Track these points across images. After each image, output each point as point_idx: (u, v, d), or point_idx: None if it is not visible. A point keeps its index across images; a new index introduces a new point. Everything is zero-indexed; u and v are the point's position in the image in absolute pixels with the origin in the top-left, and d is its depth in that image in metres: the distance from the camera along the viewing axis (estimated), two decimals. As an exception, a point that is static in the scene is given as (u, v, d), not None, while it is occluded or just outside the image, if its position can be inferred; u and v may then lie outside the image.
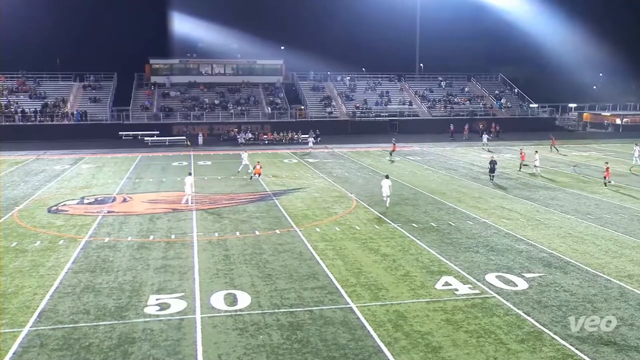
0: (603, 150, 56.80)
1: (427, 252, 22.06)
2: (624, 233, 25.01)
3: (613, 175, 40.62)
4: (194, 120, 70.78)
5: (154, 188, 36.42)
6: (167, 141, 63.18)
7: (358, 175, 41.18)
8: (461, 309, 16.51)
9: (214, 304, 16.83)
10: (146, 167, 45.96)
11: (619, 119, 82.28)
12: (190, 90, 78.20)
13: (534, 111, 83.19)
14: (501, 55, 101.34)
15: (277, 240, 23.74)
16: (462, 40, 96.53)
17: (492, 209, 29.87)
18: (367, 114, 76.13)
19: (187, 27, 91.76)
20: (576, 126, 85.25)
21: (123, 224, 26.56)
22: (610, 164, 38.60)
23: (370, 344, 14.25)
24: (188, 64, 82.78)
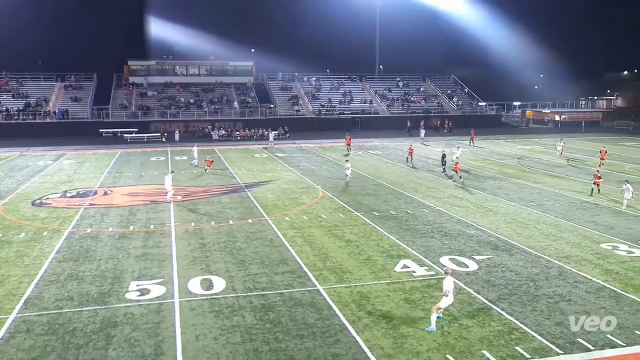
0: (544, 144, 58.00)
1: (387, 238, 22.26)
2: (562, 218, 25.62)
3: (552, 166, 41.66)
4: (170, 118, 69.72)
5: (134, 182, 35.84)
6: (145, 138, 62.22)
7: (324, 168, 41.24)
8: (418, 289, 16.74)
9: (191, 288, 16.72)
10: (126, 162, 45.18)
11: (557, 116, 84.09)
12: (167, 89, 77.01)
13: (482, 109, 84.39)
14: (453, 58, 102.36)
15: (250, 229, 23.66)
16: (418, 44, 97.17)
17: (445, 197, 30.26)
18: (332, 111, 76.17)
19: (163, 31, 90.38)
20: (520, 122, 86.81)
21: (104, 216, 26.11)
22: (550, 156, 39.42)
23: (336, 323, 14.36)
24: (164, 65, 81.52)
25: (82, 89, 74.22)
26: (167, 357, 12.63)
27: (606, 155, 42.66)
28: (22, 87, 72.48)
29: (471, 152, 51.27)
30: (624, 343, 13.26)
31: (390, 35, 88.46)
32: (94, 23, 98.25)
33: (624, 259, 19.55)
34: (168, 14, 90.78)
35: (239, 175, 37.85)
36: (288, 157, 48.19)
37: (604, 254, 20.20)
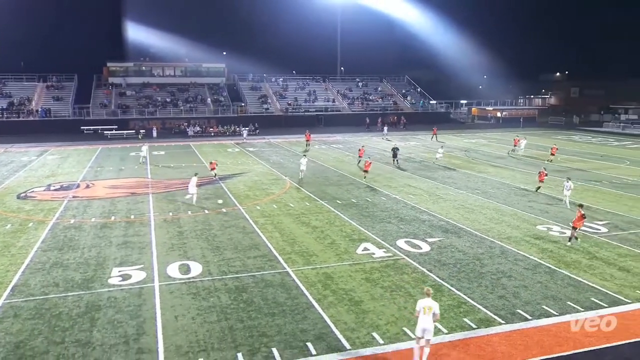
0: (488, 138, 59.16)
1: (349, 224, 22.38)
2: (503, 204, 26.22)
3: (494, 157, 42.51)
4: (148, 116, 68.30)
5: (114, 175, 35.03)
6: (125, 134, 60.86)
7: (291, 161, 41.12)
8: (377, 269, 16.90)
9: (170, 273, 16.50)
10: (106, 157, 44.11)
11: (499, 113, 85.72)
12: (145, 89, 75.37)
13: (433, 107, 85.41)
14: (407, 60, 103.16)
15: (224, 218, 23.45)
16: (375, 48, 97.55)
17: (400, 187, 30.58)
18: (298, 109, 75.92)
19: (140, 34, 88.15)
20: (466, 119, 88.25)
21: (87, 207, 25.47)
22: (493, 149, 40.18)
23: (304, 301, 14.40)
24: (142, 67, 79.82)
25: (63, 89, 71.97)
26: (148, 336, 12.46)
27: (556, 151, 41.66)
28: (5, 87, 69.84)
29: (423, 145, 51.98)
30: (557, 312, 13.69)
31: (351, 39, 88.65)
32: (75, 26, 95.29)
33: (556, 239, 20.14)
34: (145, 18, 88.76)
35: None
36: (258, 151, 47.87)
37: (540, 235, 20.77)
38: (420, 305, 11.39)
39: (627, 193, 28.88)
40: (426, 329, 11.15)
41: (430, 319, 11.20)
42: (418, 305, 11.47)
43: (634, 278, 16.08)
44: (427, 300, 11.42)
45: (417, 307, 11.46)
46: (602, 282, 15.74)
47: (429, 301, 11.38)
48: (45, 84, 72.21)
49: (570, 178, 26.45)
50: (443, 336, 12.43)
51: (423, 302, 11.43)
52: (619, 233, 20.90)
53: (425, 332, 11.16)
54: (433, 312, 11.23)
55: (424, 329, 11.16)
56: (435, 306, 11.32)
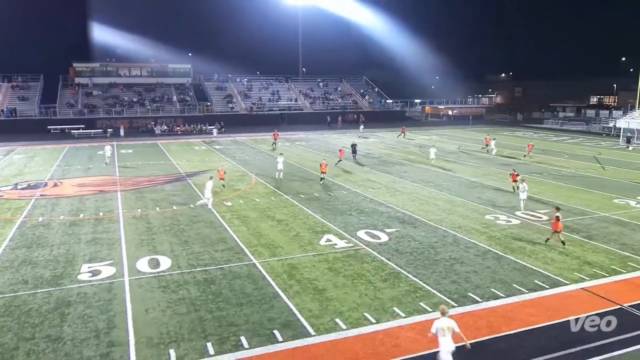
0: (440, 134, 60.25)
1: (313, 217, 22.42)
2: (455, 195, 26.79)
3: (446, 152, 43.26)
4: (115, 115, 66.37)
5: (82, 174, 33.94)
6: (92, 133, 59.01)
7: (256, 158, 40.85)
8: (339, 259, 17.01)
9: (140, 268, 16.15)
10: (74, 156, 42.67)
11: (450, 111, 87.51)
12: (111, 89, 73.16)
13: (390, 105, 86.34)
14: (365, 62, 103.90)
15: (192, 213, 23.09)
16: (335, 49, 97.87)
17: (360, 181, 30.81)
18: (262, 108, 75.34)
19: (106, 35, 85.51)
20: (420, 117, 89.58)
21: (55, 205, 24.61)
22: (445, 145, 40.95)
23: (270, 291, 14.36)
24: (108, 67, 77.39)
25: (29, 89, 69.09)
26: (119, 329, 12.17)
27: (532, 148, 40.81)
28: (-31, 87, 66.57)
29: (382, 142, 52.50)
30: (505, 295, 14.12)
31: (312, 41, 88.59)
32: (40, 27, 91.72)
33: (503, 227, 20.74)
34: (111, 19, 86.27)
35: (180, 166, 36.76)
36: (224, 149, 47.30)
37: (488, 223, 21.34)
38: (437, 326, 9.94)
39: (566, 184, 29.99)
40: (451, 352, 9.85)
41: (450, 340, 9.86)
42: (434, 327, 10.02)
43: (572, 261, 16.74)
44: (444, 320, 10.03)
45: (433, 329, 10.00)
46: (544, 265, 16.31)
47: (447, 321, 10.00)
48: (10, 84, 69.13)
49: (525, 180, 24.63)
50: (400, 320, 12.63)
51: (439, 322, 10.00)
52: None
53: (449, 355, 9.86)
54: (453, 330, 9.93)
55: (449, 352, 9.81)
56: (454, 324, 9.97)
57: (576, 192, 27.59)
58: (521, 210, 22.96)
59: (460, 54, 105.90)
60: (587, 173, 33.96)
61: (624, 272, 15.80)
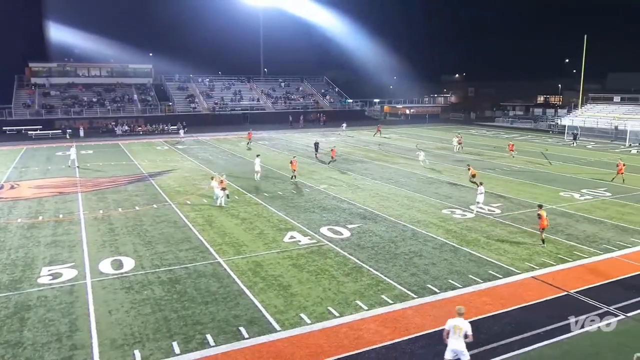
0: (399, 133, 61.06)
1: (276, 214, 22.34)
2: (414, 191, 27.25)
3: (405, 150, 43.90)
4: (74, 116, 64.05)
5: (40, 175, 32.61)
6: (50, 134, 56.78)
7: (219, 158, 40.33)
8: (303, 255, 17.02)
9: (102, 269, 15.68)
10: (31, 157, 40.94)
11: (408, 110, 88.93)
12: (70, 90, 70.51)
13: (350, 105, 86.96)
14: (325, 62, 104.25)
15: (155, 213, 22.58)
16: (296, 50, 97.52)
17: (323, 179, 30.90)
18: (224, 108, 74.44)
19: (63, 34, 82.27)
20: (379, 116, 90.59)
21: (12, 208, 23.54)
22: (404, 143, 41.55)
23: (235, 289, 14.22)
24: (66, 67, 74.65)
25: (-18, 90, 65.84)
26: (82, 332, 11.78)
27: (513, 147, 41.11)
28: None
29: (342, 140, 52.77)
30: (461, 285, 14.49)
31: (273, 42, 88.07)
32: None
33: (459, 221, 21.26)
34: (68, 19, 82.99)
35: (142, 166, 35.87)
36: (187, 148, 46.46)
37: (445, 217, 21.82)
38: (450, 324, 9.93)
39: (516, 179, 31.01)
40: (456, 350, 9.79)
41: (461, 340, 9.76)
42: (447, 324, 10.01)
43: (523, 252, 17.34)
44: (457, 319, 9.93)
45: (447, 326, 10.00)
46: (497, 256, 16.82)
47: (459, 321, 9.88)
48: (-38, 84, 65.75)
49: (483, 182, 23.81)
50: (364, 312, 12.75)
51: (453, 321, 9.96)
52: (510, 213, 22.42)
53: (457, 353, 9.79)
54: (465, 332, 9.78)
55: (454, 350, 9.79)
56: (466, 326, 9.80)
57: (526, 187, 28.57)
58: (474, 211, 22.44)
59: (417, 55, 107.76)
60: (535, 168, 35.22)
61: (570, 261, 16.49)
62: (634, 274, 15.44)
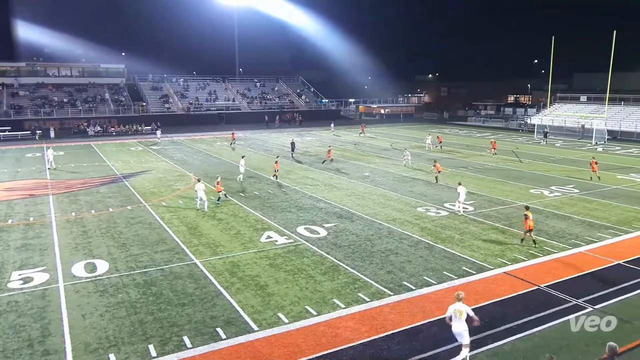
0: (374, 132, 61.39)
1: (253, 214, 22.21)
2: (389, 190, 27.47)
3: (380, 149, 44.23)
4: (44, 116, 62.37)
5: (10, 177, 31.64)
6: (20, 135, 55.17)
7: (195, 158, 39.87)
8: (280, 255, 16.97)
9: (75, 272, 15.31)
10: (0, 159, 39.70)
11: (383, 110, 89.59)
12: (39, 90, 68.62)
13: (325, 105, 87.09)
14: (300, 62, 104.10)
15: (129, 215, 22.18)
16: (271, 50, 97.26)
17: (299, 178, 30.86)
18: (199, 108, 73.63)
19: (32, 33, 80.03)
20: (355, 115, 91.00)
21: (-20, 212, 22.80)
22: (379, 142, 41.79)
23: (212, 290, 14.09)
24: (35, 67, 72.65)
25: (-53, 90, 63.53)
26: (54, 337, 11.48)
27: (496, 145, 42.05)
28: None
29: (318, 140, 52.81)
30: (436, 282, 14.67)
31: (248, 42, 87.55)
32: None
33: (433, 219, 21.52)
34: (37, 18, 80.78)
35: (116, 167, 35.19)
36: (162, 149, 45.77)
37: (420, 215, 22.06)
38: (451, 309, 10.50)
39: (488, 177, 31.57)
40: (458, 333, 10.31)
41: (463, 323, 10.26)
42: (448, 310, 10.58)
43: (495, 248, 17.66)
44: (457, 304, 10.45)
45: (448, 312, 10.57)
46: (471, 253, 17.10)
47: (460, 305, 10.40)
48: None
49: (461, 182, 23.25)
50: (341, 310, 12.79)
51: (453, 306, 10.49)
52: (483, 211, 22.81)
53: (459, 336, 10.32)
54: (467, 314, 10.34)
55: (457, 332, 10.33)
56: (466, 309, 10.40)
57: (497, 184, 29.11)
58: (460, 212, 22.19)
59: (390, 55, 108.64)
60: (506, 166, 35.92)
61: (540, 256, 16.87)
62: (601, 267, 15.91)
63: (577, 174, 32.31)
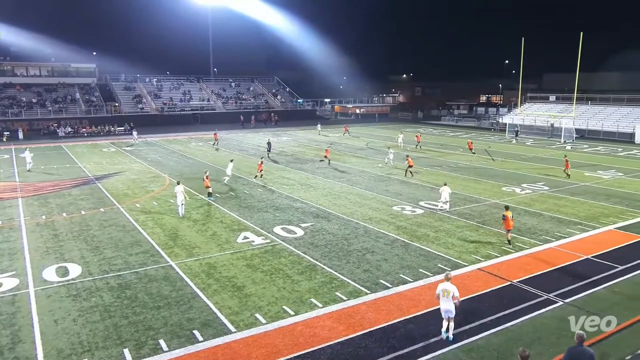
0: (350, 132, 61.58)
1: (229, 215, 22.05)
2: (365, 189, 27.63)
3: (356, 149, 44.38)
4: (12, 117, 60.57)
5: (-24, 180, 30.68)
6: (-14, 137, 53.48)
7: (169, 159, 39.33)
8: (257, 255, 16.90)
9: (47, 277, 14.93)
10: (-35, 161, 38.43)
11: (358, 110, 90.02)
12: (7, 90, 66.53)
13: (301, 105, 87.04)
14: (276, 62, 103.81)
15: (102, 217, 21.74)
16: (246, 50, 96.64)
17: (275, 178, 30.76)
18: (174, 108, 72.63)
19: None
20: (330, 115, 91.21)
21: (-55, 216, 22.00)
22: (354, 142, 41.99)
23: (189, 292, 13.93)
24: (2, 66, 70.51)
25: None
26: (25, 343, 11.18)
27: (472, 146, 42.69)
28: None
29: (293, 139, 52.76)
30: (412, 279, 14.83)
31: (222, 42, 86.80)
32: None
33: (409, 217, 21.75)
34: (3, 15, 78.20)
35: (88, 169, 34.43)
36: (135, 150, 45.00)
37: (396, 214, 22.26)
38: (440, 288, 11.42)
39: (461, 175, 32.07)
40: (447, 310, 11.29)
41: (450, 301, 11.21)
42: (438, 288, 11.48)
43: (469, 245, 17.96)
44: (446, 284, 11.38)
45: (437, 290, 11.47)
46: (445, 250, 17.34)
47: (448, 285, 11.34)
48: None
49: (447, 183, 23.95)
50: (319, 310, 12.81)
51: (442, 285, 11.44)
52: (457, 208, 23.17)
53: (447, 312, 11.31)
54: (452, 294, 11.21)
55: (446, 309, 11.30)
56: (453, 289, 11.28)
57: (470, 182, 29.59)
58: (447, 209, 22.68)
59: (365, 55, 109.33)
60: (479, 164, 36.55)
61: (513, 252, 17.23)
62: (571, 262, 16.35)
63: (548, 171, 33.10)
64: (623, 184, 29.41)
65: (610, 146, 48.12)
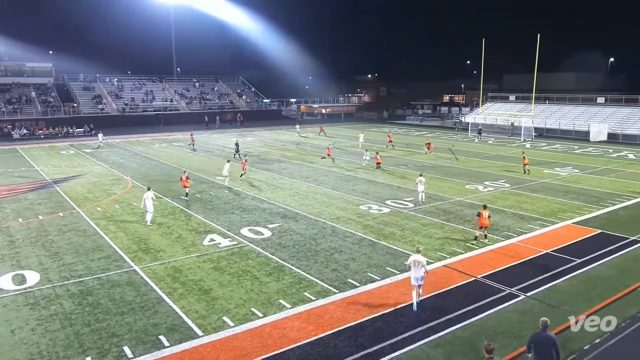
0: (315, 132, 61.56)
1: (195, 217, 21.71)
2: (332, 189, 27.73)
3: (322, 149, 44.46)
4: (-38, 119, 57.88)
5: None
6: None
7: (132, 161, 38.39)
8: (224, 257, 16.71)
9: (2, 285, 14.32)
10: None
11: (324, 110, 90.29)
12: (-44, 90, 63.64)
13: (267, 105, 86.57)
14: (240, 62, 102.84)
15: (61, 222, 21.02)
16: (210, 49, 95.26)
17: (241, 179, 30.45)
18: (136, 109, 70.94)
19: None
20: (296, 115, 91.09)
21: None
22: (321, 141, 41.94)
23: (154, 296, 13.64)
24: (-50, 66, 67.32)
25: None
26: (-21, 356, 10.69)
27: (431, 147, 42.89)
28: None
29: (259, 140, 52.46)
30: (380, 277, 14.99)
31: (186, 41, 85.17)
32: None
33: (375, 216, 21.97)
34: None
35: (45, 172, 33.20)
36: (96, 152, 43.70)
37: (362, 213, 22.44)
38: (411, 259, 12.91)
39: (427, 174, 32.52)
40: (417, 277, 12.71)
41: (421, 270, 12.68)
42: (409, 259, 12.98)
43: (435, 242, 18.29)
44: (416, 255, 12.88)
45: (409, 261, 13.00)
46: (412, 248, 17.50)
47: (418, 257, 12.82)
48: None
49: (422, 174, 25.32)
50: (287, 310, 12.78)
51: (413, 257, 12.91)
52: (422, 207, 23.55)
53: (417, 280, 12.72)
54: (422, 264, 12.70)
55: (416, 277, 12.72)
56: (423, 260, 12.82)
57: (435, 181, 30.14)
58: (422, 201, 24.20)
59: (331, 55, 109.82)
60: (444, 163, 37.27)
61: (477, 248, 17.65)
62: (532, 257, 16.88)
63: (509, 169, 34.06)
64: (579, 180, 30.59)
65: (567, 144, 49.97)
